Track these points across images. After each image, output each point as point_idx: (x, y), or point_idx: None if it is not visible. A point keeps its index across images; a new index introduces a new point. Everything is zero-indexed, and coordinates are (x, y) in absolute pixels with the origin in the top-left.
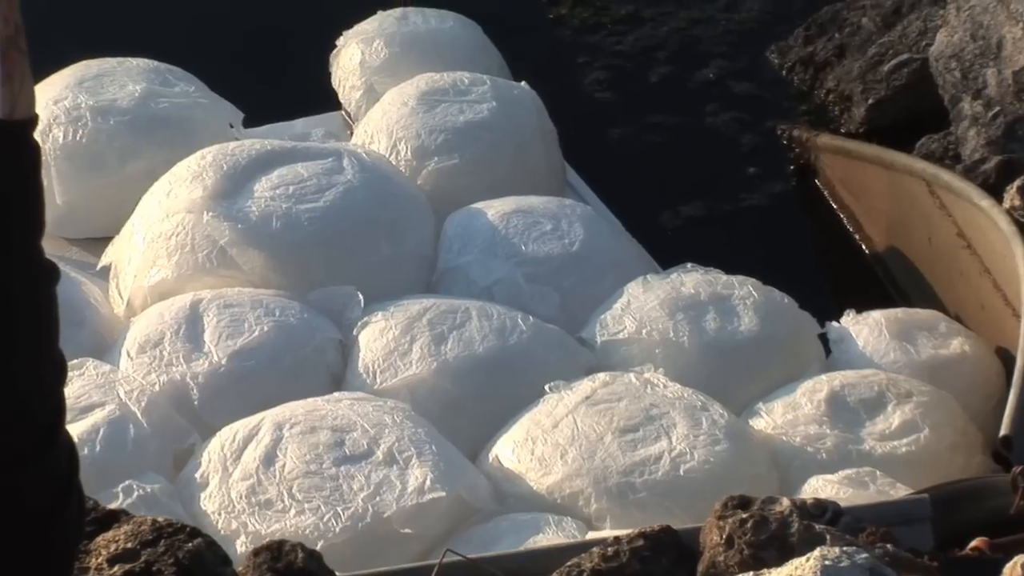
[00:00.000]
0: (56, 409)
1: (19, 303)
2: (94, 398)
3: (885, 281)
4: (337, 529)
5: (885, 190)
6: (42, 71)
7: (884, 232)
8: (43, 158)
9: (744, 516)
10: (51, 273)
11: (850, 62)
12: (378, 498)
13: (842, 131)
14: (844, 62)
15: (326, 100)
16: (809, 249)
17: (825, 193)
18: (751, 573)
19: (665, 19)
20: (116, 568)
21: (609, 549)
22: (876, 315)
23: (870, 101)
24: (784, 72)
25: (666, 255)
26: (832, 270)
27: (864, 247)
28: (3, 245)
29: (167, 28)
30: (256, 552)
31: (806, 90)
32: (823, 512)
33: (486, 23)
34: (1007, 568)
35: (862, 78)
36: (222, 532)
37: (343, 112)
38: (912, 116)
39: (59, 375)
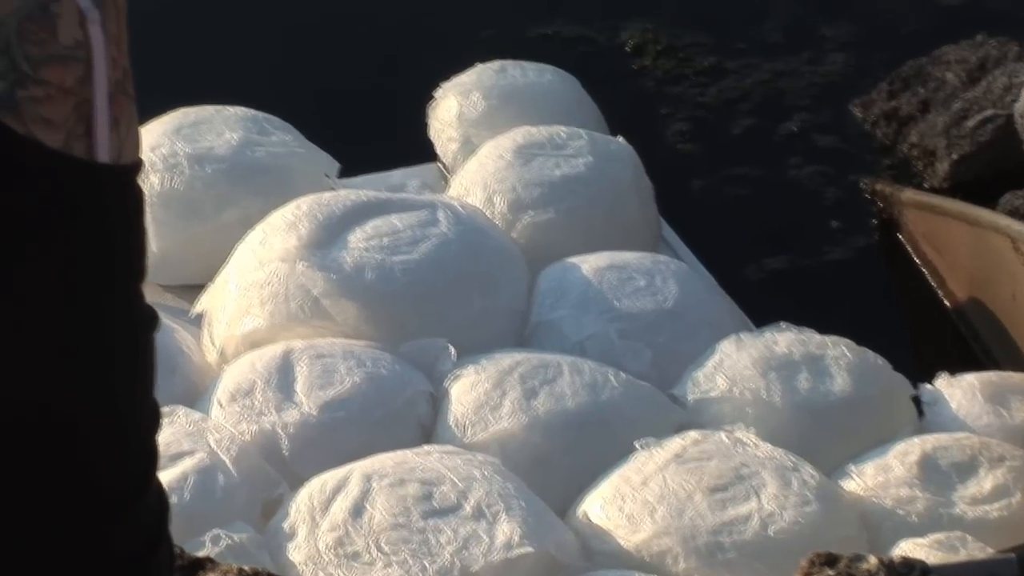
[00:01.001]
0: (149, 457)
1: (119, 349)
2: (184, 446)
3: (968, 338)
4: None
5: (969, 246)
6: (140, 118)
7: (968, 288)
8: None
9: (831, 573)
10: (151, 319)
11: (934, 117)
12: (466, 552)
13: (925, 186)
14: (928, 117)
15: (423, 151)
16: (892, 304)
17: (908, 248)
18: None
19: (748, 71)
20: None
21: None
22: (970, 378)
23: (954, 156)
24: (867, 126)
25: (751, 309)
26: (914, 325)
27: (947, 302)
28: (106, 290)
29: (264, 76)
30: None
31: (889, 144)
32: (910, 570)
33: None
34: None
35: (946, 133)
36: None
37: (439, 164)
38: (996, 172)
39: (154, 423)
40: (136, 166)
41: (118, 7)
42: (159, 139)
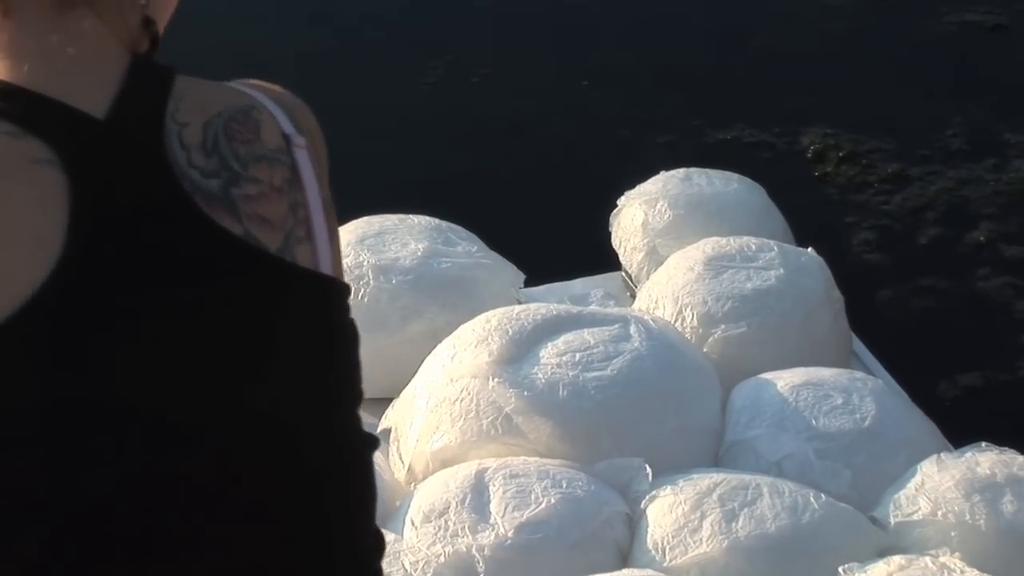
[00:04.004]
0: None
1: (342, 472)
2: None
3: None
4: None
5: None
6: None
7: None
8: None
9: None
10: (371, 442)
11: None
12: None
13: None
14: None
15: (605, 260)
16: None
17: None
18: None
19: (932, 178)
20: None
21: None
22: None
23: None
24: None
25: (946, 426)
26: None
27: None
28: (327, 410)
29: (446, 184)
30: None
31: None
32: None
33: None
34: None
35: None
36: None
37: (623, 273)
38: None
39: (377, 548)
40: (349, 291)
41: (317, 145)
42: (343, 249)
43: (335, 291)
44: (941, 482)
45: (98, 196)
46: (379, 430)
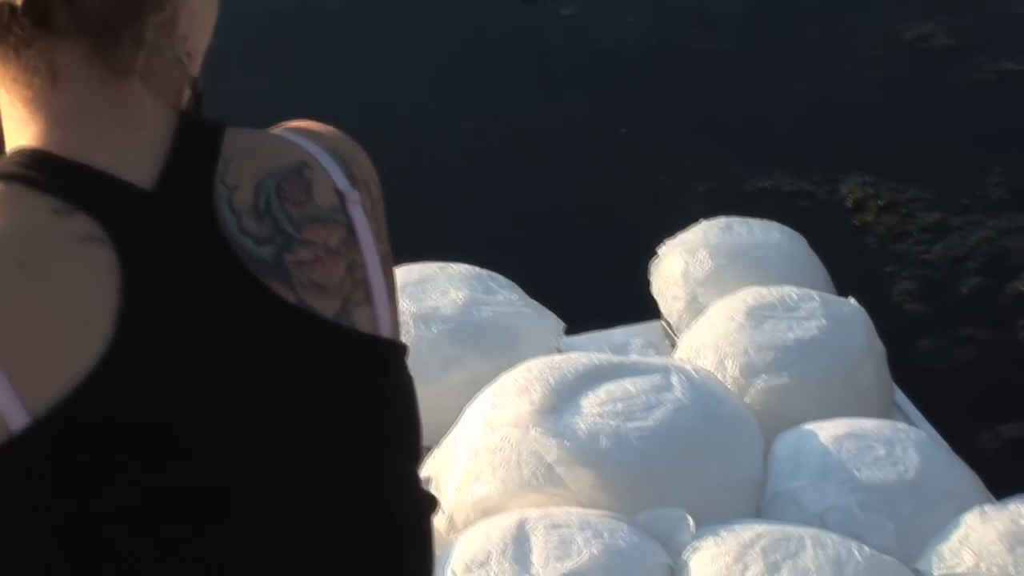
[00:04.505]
0: None
1: (405, 533)
2: None
3: None
4: None
5: None
6: None
7: None
8: None
9: None
10: (431, 502)
11: None
12: None
13: None
14: None
15: (645, 308)
16: None
17: None
18: None
19: (973, 228)
20: None
21: None
22: None
23: None
24: None
25: (988, 477)
26: None
27: None
28: (391, 469)
29: (485, 233)
30: None
31: None
32: None
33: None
34: None
35: None
36: None
37: (663, 322)
38: None
39: None
40: (407, 350)
41: (372, 193)
42: None
43: (394, 353)
44: (985, 534)
45: (147, 273)
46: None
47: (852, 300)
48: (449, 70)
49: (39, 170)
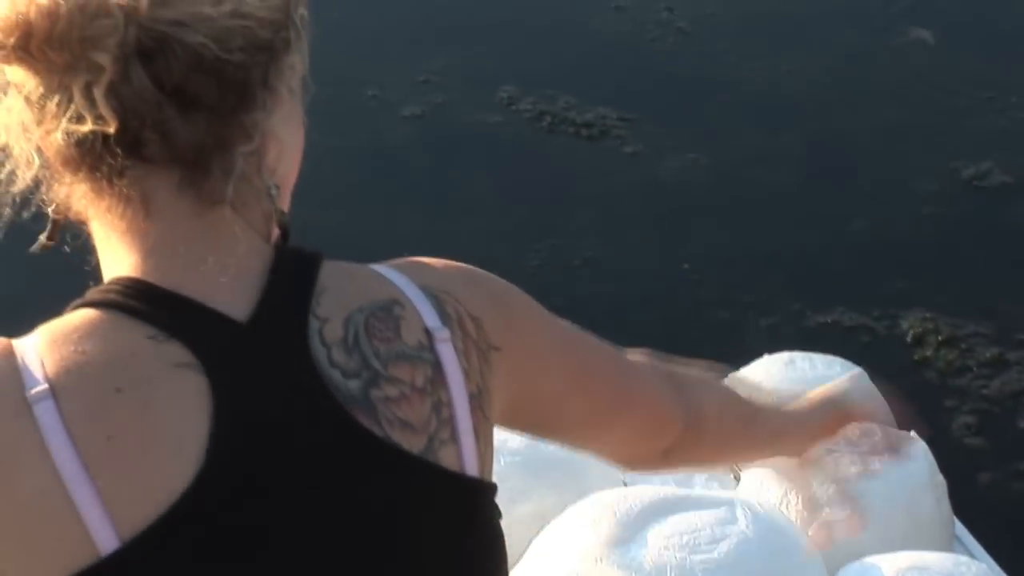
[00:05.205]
0: None
1: None
2: None
3: None
4: None
5: None
6: None
7: None
8: None
9: None
10: None
11: None
12: None
13: None
14: None
15: None
16: None
17: None
18: None
19: None
20: None
21: None
22: None
23: None
24: None
25: None
26: None
27: None
28: None
29: None
30: None
31: None
32: None
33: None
34: None
35: None
36: None
37: None
38: None
39: None
40: (495, 489)
41: (467, 328)
42: None
43: (480, 492)
44: None
45: (239, 400)
46: None
47: (913, 434)
48: (514, 205)
49: (136, 298)
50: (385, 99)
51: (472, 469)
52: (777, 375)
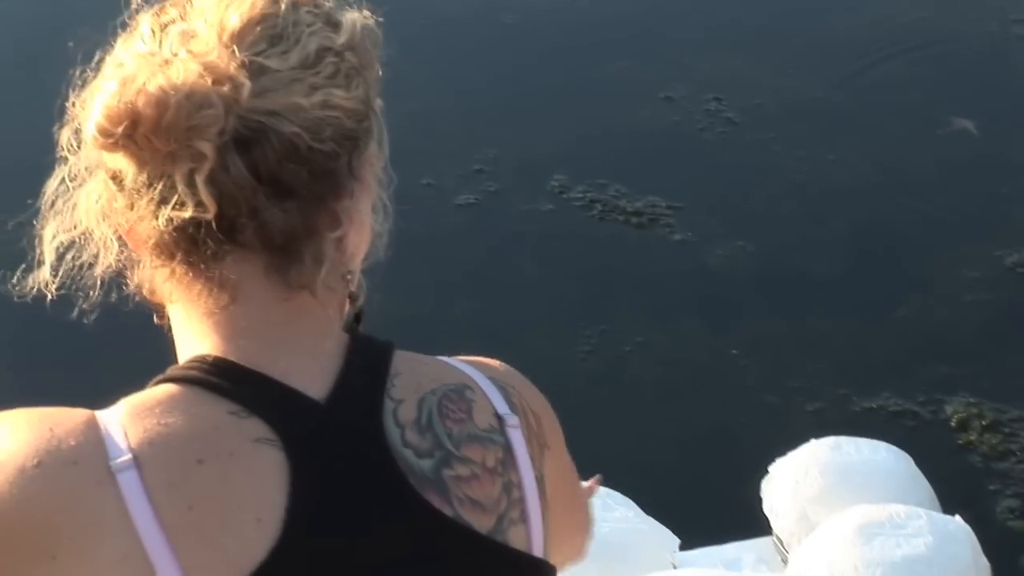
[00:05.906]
0: None
1: None
2: None
3: None
4: None
5: None
6: None
7: None
8: None
9: None
10: None
11: None
12: None
13: None
14: None
15: (755, 524)
16: None
17: None
18: None
19: None
20: None
21: None
22: None
23: None
24: None
25: None
26: None
27: None
28: None
29: (603, 449)
30: None
31: None
32: None
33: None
34: None
35: None
36: None
37: (775, 538)
38: None
39: None
40: (556, 571)
41: (530, 421)
42: None
43: (545, 573)
44: None
45: (315, 477)
46: None
47: (958, 518)
48: (565, 292)
49: (218, 376)
50: (440, 187)
51: (538, 550)
52: (823, 459)
